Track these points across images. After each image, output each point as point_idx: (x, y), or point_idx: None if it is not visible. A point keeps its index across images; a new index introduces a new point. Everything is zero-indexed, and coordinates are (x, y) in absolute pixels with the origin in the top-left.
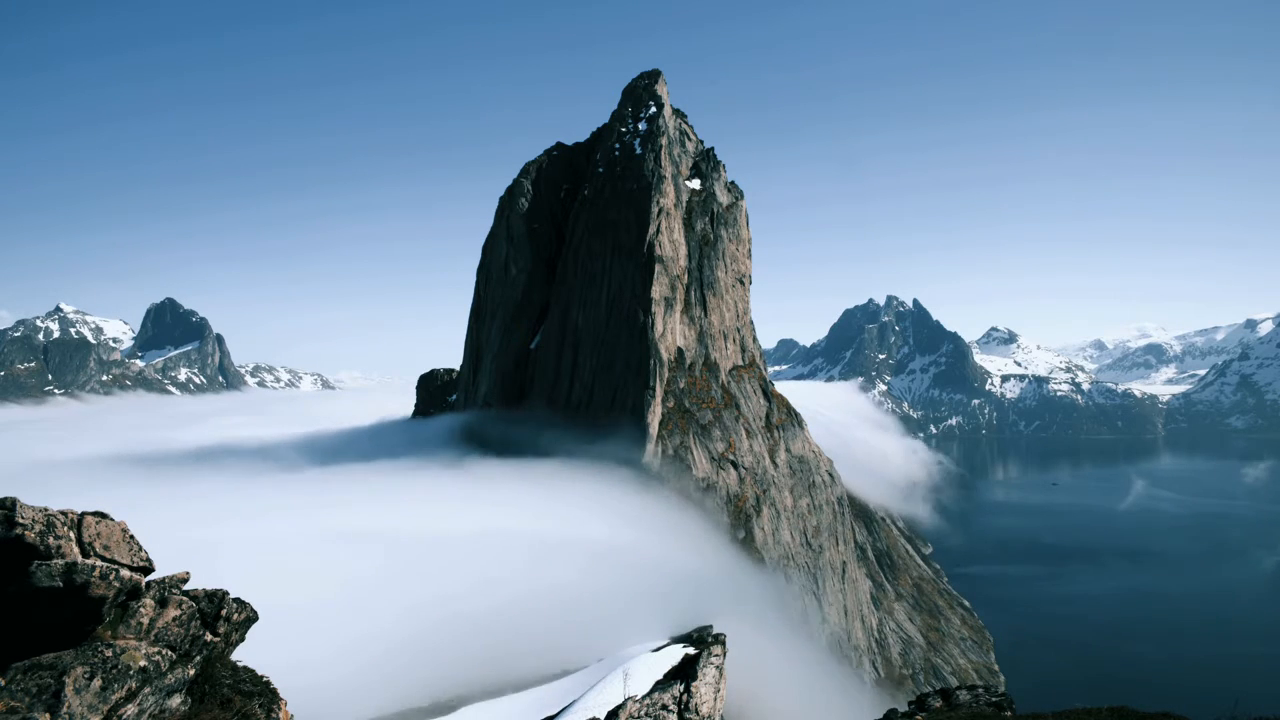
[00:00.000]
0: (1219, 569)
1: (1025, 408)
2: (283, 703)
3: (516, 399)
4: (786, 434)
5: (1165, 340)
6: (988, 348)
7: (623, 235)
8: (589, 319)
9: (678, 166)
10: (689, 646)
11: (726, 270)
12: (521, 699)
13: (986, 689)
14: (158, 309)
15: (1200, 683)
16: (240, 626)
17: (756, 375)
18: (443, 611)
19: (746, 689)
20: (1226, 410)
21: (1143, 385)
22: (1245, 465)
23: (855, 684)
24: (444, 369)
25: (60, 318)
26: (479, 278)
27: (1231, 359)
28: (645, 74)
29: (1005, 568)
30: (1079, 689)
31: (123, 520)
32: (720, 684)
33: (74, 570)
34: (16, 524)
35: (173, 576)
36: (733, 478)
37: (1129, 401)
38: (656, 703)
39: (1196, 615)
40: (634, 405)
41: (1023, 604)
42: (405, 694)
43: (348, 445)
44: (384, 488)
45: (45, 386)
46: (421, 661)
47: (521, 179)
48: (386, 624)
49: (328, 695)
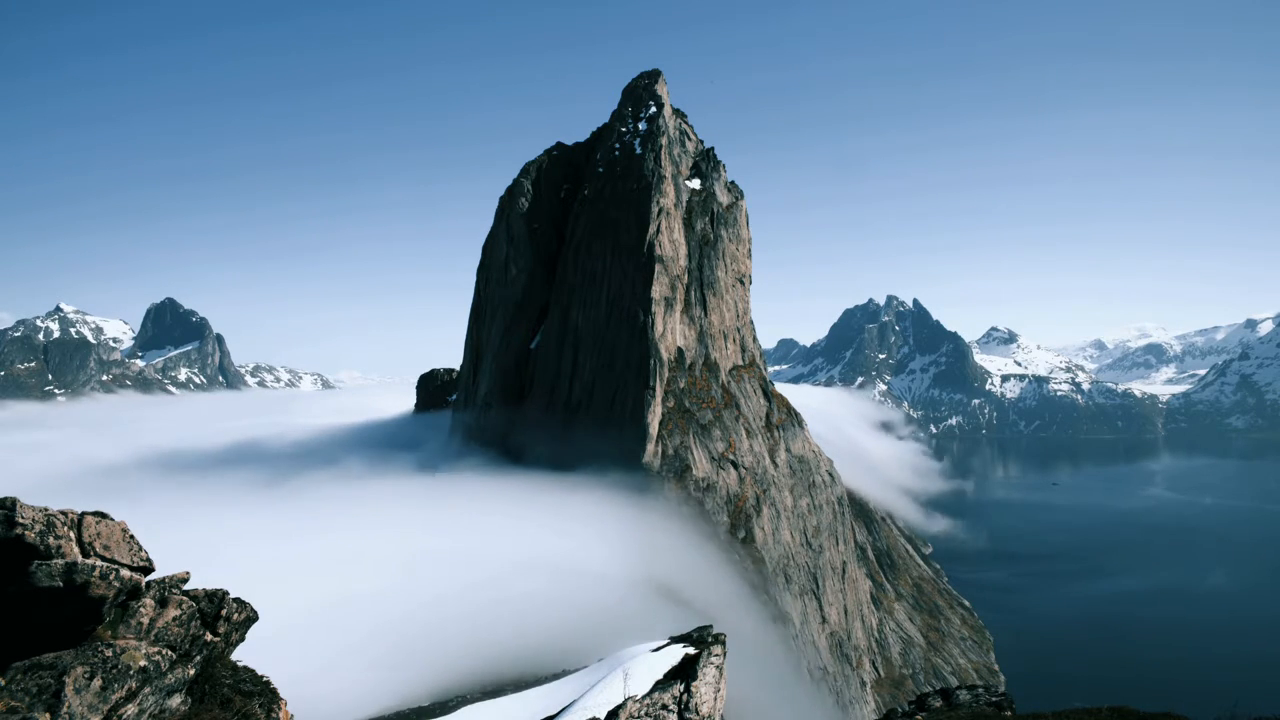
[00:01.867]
0: (1219, 569)
1: (1025, 408)
2: (283, 702)
3: (517, 398)
4: (786, 434)
5: (1165, 340)
6: (988, 348)
7: (623, 235)
8: (589, 319)
9: (678, 166)
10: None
11: (726, 270)
12: (521, 699)
13: (986, 689)
14: (158, 309)
15: (1200, 682)
16: (240, 626)
17: (756, 375)
18: (443, 611)
19: (747, 688)
20: (1227, 410)
21: (1143, 385)
22: (1245, 465)
23: (855, 684)
24: (444, 369)
25: (60, 318)
26: (479, 278)
27: (1232, 359)
28: (645, 74)
29: (1005, 568)
30: (1079, 689)
31: (123, 520)
32: (720, 684)
33: (74, 570)
34: (17, 524)
35: (173, 576)
36: (733, 477)
37: (1129, 401)
38: (656, 703)
39: (1197, 615)
40: (634, 405)
41: (1023, 604)
42: (405, 694)
43: (348, 445)
44: (384, 487)
45: (45, 386)
46: (421, 661)
47: (522, 179)
48: (387, 624)
49: (328, 695)
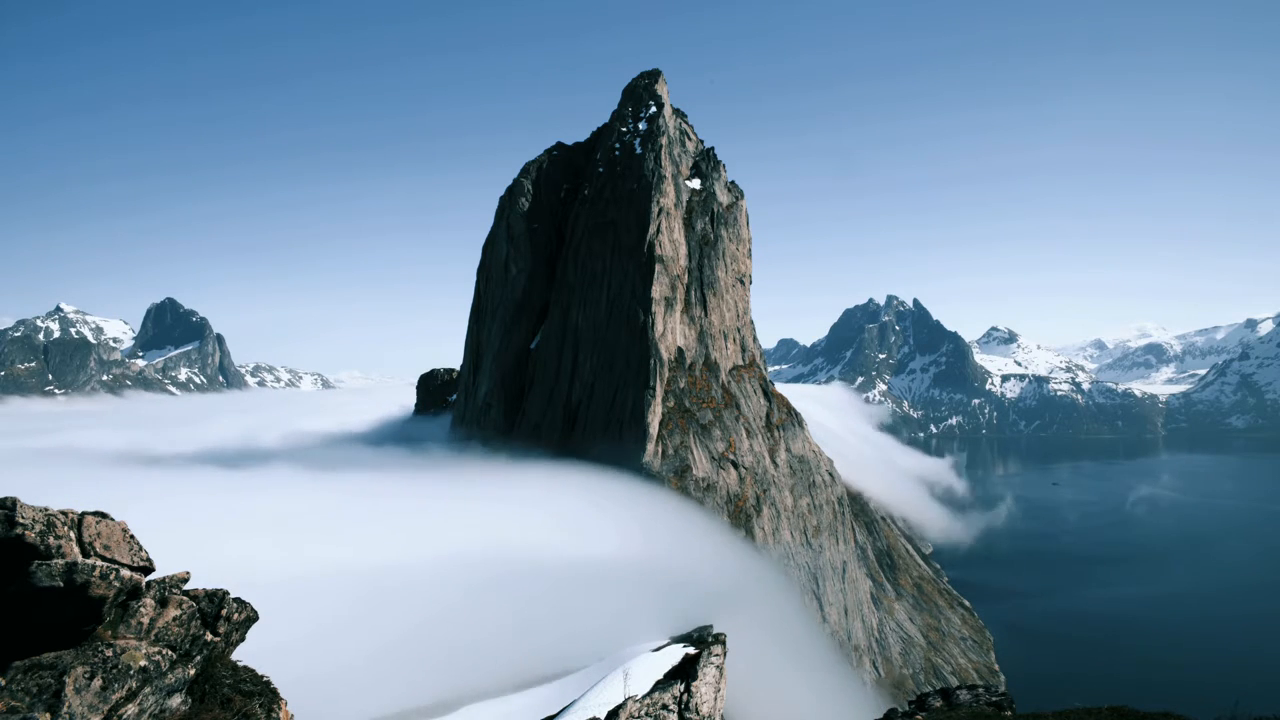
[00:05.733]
0: (1219, 568)
1: (1025, 407)
2: (283, 702)
3: (516, 399)
4: (787, 434)
5: (1165, 340)
6: (988, 347)
7: (623, 235)
8: (589, 319)
9: (678, 166)
10: (689, 646)
11: (726, 270)
12: (521, 699)
13: (987, 689)
14: (158, 309)
15: (1200, 682)
16: (241, 626)
17: (756, 375)
18: (443, 611)
19: (748, 688)
20: (1227, 410)
21: (1143, 385)
22: (1246, 465)
23: (856, 683)
24: (444, 369)
25: (60, 318)
26: (479, 278)
27: (1232, 359)
28: (645, 73)
29: (1005, 567)
30: (1079, 689)
31: (123, 520)
32: (721, 684)
33: (74, 570)
34: (17, 524)
35: (173, 576)
36: (733, 477)
37: (1129, 401)
38: (657, 702)
39: (1197, 614)
40: (634, 405)
41: (1023, 603)
42: (406, 694)
43: (348, 444)
44: (384, 488)
45: (45, 386)
46: (422, 661)
47: (522, 179)
48: (387, 623)
49: (328, 695)
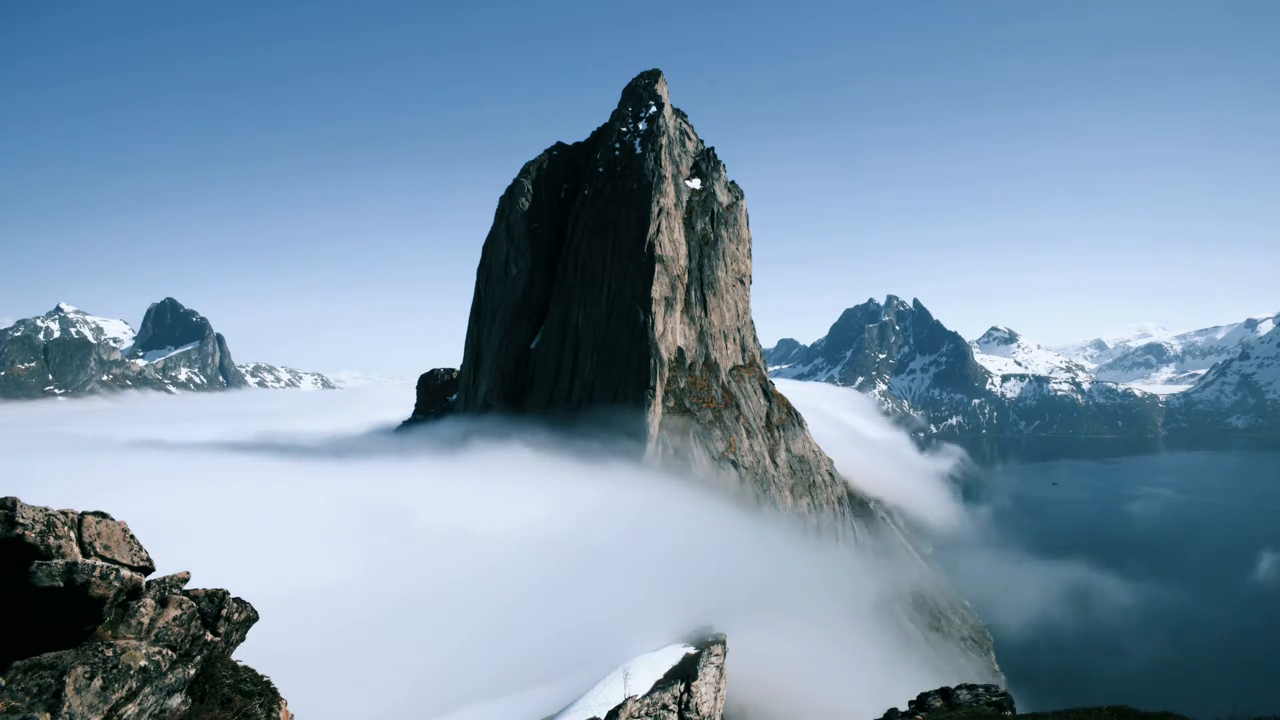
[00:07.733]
0: (1220, 569)
1: (1025, 407)
2: (283, 702)
3: (517, 398)
4: (787, 433)
5: (1165, 340)
6: (988, 347)
7: (623, 235)
8: (589, 319)
9: (678, 166)
10: (689, 646)
11: (726, 270)
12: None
13: (987, 689)
14: (158, 309)
15: (1201, 682)
16: (241, 626)
17: (757, 375)
18: (442, 611)
19: (748, 687)
20: (1227, 410)
21: (1143, 385)
22: (1246, 465)
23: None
24: (444, 369)
25: (60, 318)
26: (479, 278)
27: (1232, 358)
28: (645, 73)
29: (1006, 567)
30: (1079, 689)
31: (123, 520)
32: (720, 683)
33: (74, 570)
34: (17, 524)
35: (173, 576)
36: (733, 477)
37: (1129, 401)
38: (657, 702)
39: (1197, 615)
40: (634, 405)
41: (1023, 604)
42: (406, 693)
43: (347, 445)
44: (383, 488)
45: (45, 386)
46: (421, 661)
47: (522, 179)
48: (387, 623)
49: (328, 695)
